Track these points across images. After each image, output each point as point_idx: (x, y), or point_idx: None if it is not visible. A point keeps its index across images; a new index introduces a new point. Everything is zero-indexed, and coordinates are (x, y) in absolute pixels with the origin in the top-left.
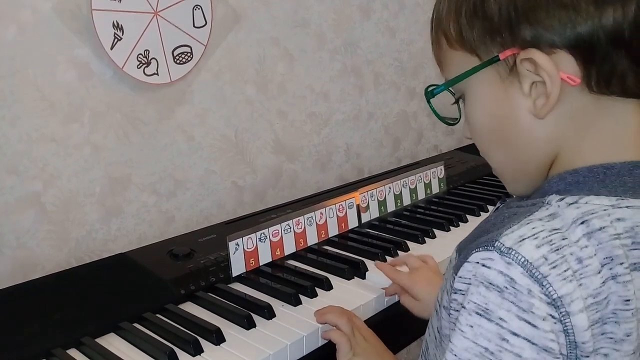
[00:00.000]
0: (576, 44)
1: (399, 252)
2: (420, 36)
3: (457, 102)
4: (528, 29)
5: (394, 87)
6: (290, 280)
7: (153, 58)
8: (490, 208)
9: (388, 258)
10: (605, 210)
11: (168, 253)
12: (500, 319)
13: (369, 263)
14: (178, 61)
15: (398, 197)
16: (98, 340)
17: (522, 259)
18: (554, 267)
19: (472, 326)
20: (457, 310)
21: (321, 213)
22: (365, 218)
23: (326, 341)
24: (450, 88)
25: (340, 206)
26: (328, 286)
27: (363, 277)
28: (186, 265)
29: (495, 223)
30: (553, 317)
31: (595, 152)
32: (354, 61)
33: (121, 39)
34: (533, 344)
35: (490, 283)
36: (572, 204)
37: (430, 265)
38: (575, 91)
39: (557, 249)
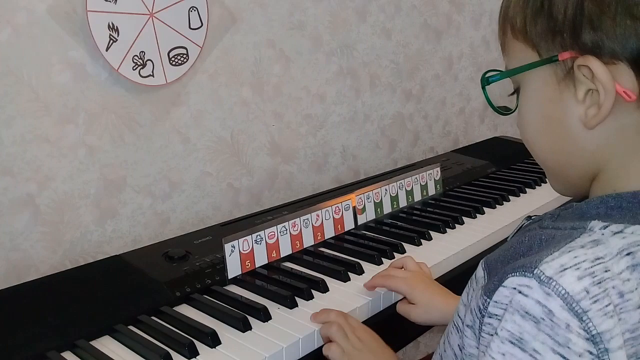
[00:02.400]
0: (638, 57)
1: (395, 254)
2: (416, 38)
3: (515, 92)
4: (590, 34)
5: (390, 89)
6: (286, 283)
7: (148, 59)
8: (487, 210)
9: (385, 260)
10: None
11: (163, 255)
12: (535, 350)
13: (365, 265)
14: (174, 63)
15: (394, 199)
16: (93, 342)
17: (563, 291)
18: (596, 302)
19: (504, 354)
20: (490, 335)
21: (317, 215)
22: (361, 220)
23: (323, 344)
24: (508, 78)
25: (337, 208)
26: (324, 288)
27: (360, 279)
28: (181, 267)
29: (532, 246)
30: (591, 353)
31: None
32: (350, 63)
33: (116, 40)
34: None
35: (526, 312)
36: (617, 232)
37: (424, 271)
38: (631, 107)
39: (600, 282)
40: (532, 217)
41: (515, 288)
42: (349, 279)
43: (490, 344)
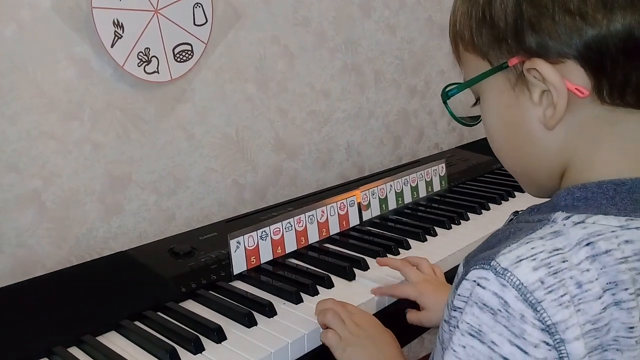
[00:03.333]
0: (585, 53)
1: (400, 250)
2: (420, 34)
3: (476, 103)
4: (533, 36)
5: (394, 85)
6: (291, 278)
7: (153, 56)
8: (492, 206)
9: (390, 256)
10: (613, 231)
11: (169, 251)
12: (492, 342)
13: (370, 261)
14: (178, 59)
15: (399, 195)
16: (99, 338)
17: (517, 282)
18: (550, 292)
19: (464, 347)
20: (454, 327)
21: (322, 211)
22: (366, 216)
23: None
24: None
25: (342, 204)
26: (329, 284)
27: (364, 275)
28: (187, 263)
29: (502, 238)
30: (547, 343)
31: (606, 166)
32: (355, 59)
33: (121, 37)
34: None
35: (484, 304)
36: (578, 223)
37: (437, 274)
38: (586, 102)
39: (556, 272)
40: (519, 212)
41: (475, 281)
42: (354, 275)
43: (452, 337)
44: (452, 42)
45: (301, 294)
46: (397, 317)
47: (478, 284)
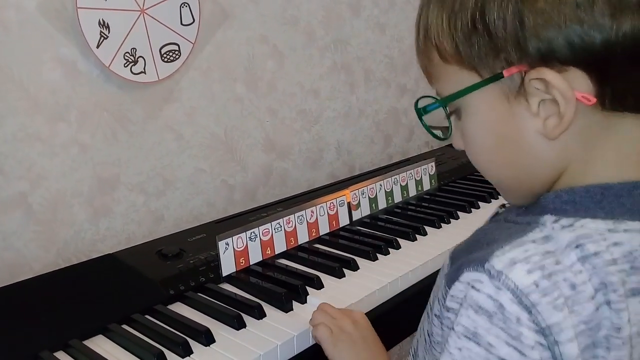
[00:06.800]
0: (591, 60)
1: (390, 249)
2: (410, 33)
3: (448, 116)
4: (537, 45)
5: (384, 83)
6: (280, 280)
7: (140, 56)
8: (482, 205)
9: (379, 256)
10: (601, 234)
11: (157, 253)
12: (489, 344)
13: (360, 261)
14: (166, 59)
15: (389, 194)
16: (86, 342)
17: (512, 285)
18: (545, 295)
19: (460, 349)
20: (449, 328)
21: (312, 211)
22: (356, 216)
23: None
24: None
25: (331, 204)
26: (319, 285)
27: (354, 275)
28: (175, 265)
29: (491, 239)
30: (542, 344)
31: (599, 170)
32: (344, 58)
33: (107, 37)
34: None
35: (479, 307)
36: (567, 226)
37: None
38: (587, 109)
39: (550, 275)
40: (506, 206)
41: (469, 283)
42: (344, 275)
43: (448, 339)
44: (422, 54)
45: (290, 295)
46: (386, 317)
47: (472, 287)
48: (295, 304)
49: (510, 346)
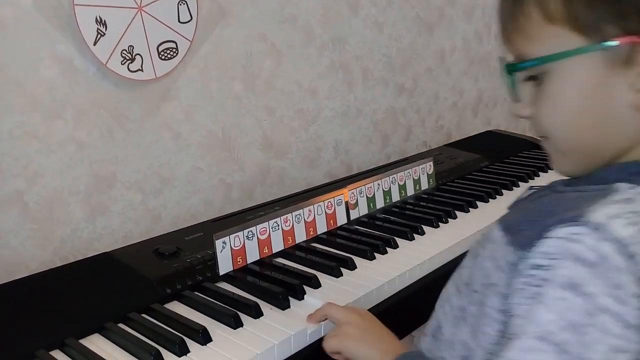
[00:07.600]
0: None
1: (387, 249)
2: (408, 32)
3: (532, 79)
4: None
5: (382, 82)
6: (278, 279)
7: (137, 54)
8: (479, 204)
9: (377, 255)
10: None
11: (154, 252)
12: (589, 294)
13: (357, 260)
14: (163, 57)
15: (387, 194)
16: (82, 341)
17: (613, 236)
18: None
19: (558, 299)
20: (537, 286)
21: (309, 210)
22: (354, 215)
23: (314, 340)
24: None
25: (329, 203)
26: (316, 284)
27: (352, 275)
28: (172, 264)
29: (565, 205)
30: (638, 296)
31: None
32: (342, 57)
33: (104, 34)
34: (620, 320)
35: (578, 258)
36: None
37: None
38: None
39: None
40: (535, 187)
41: (565, 237)
42: (342, 275)
43: (542, 292)
44: (518, 10)
45: (288, 294)
46: (384, 316)
47: (570, 240)
48: (292, 303)
49: (611, 296)
